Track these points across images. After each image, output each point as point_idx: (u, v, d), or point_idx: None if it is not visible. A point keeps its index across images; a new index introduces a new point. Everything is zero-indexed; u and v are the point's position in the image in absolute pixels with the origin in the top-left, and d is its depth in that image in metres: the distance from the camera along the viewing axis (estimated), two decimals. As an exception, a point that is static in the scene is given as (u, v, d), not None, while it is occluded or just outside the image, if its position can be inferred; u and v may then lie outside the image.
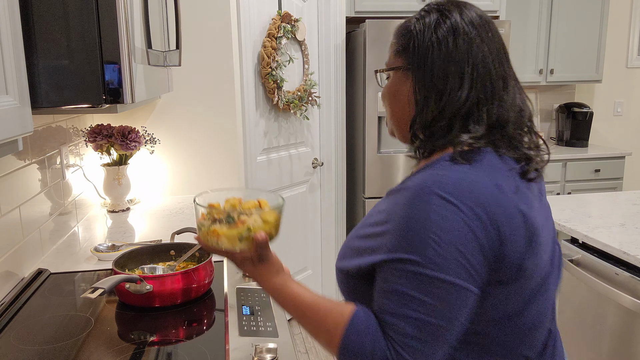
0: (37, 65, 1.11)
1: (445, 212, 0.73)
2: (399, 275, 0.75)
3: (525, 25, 3.81)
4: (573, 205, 2.20)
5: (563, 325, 2.01)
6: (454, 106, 0.82)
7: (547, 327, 0.89)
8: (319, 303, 0.85)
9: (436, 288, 0.73)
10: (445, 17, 0.85)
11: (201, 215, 0.91)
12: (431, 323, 0.74)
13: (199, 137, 2.49)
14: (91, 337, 1.17)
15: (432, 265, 0.73)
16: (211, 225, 0.89)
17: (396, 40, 0.91)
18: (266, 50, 2.70)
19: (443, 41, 0.83)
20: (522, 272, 0.78)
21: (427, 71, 0.84)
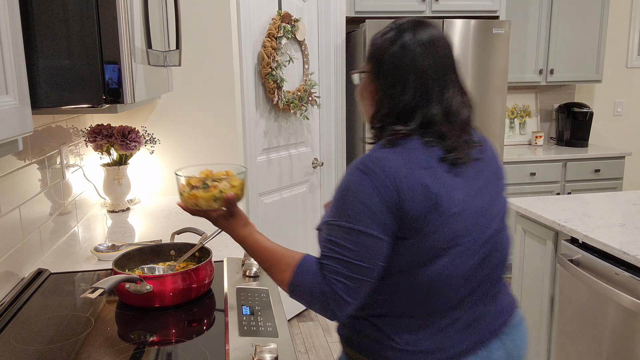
0: (37, 65, 1.11)
1: (362, 181, 0.99)
2: (330, 229, 1.01)
3: (525, 25, 3.82)
4: (573, 205, 2.20)
5: (563, 325, 2.01)
6: (398, 106, 1.05)
7: (457, 296, 1.05)
8: (277, 250, 1.08)
9: (355, 237, 0.98)
10: (399, 35, 1.06)
11: (181, 185, 1.13)
12: (354, 263, 0.98)
13: (199, 137, 2.49)
14: (91, 337, 1.17)
15: (352, 220, 0.98)
16: (190, 190, 1.11)
17: (367, 49, 1.13)
18: (266, 50, 2.70)
19: (394, 55, 1.05)
20: (419, 232, 0.99)
21: (382, 77, 1.07)
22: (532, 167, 3.68)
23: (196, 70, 2.42)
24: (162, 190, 2.51)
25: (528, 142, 4.26)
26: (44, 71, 1.11)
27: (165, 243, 1.54)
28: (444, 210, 0.99)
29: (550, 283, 2.13)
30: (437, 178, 1.00)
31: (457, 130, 1.06)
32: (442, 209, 0.99)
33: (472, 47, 3.28)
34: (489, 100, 3.37)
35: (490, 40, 3.29)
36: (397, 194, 0.97)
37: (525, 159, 3.68)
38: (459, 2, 3.42)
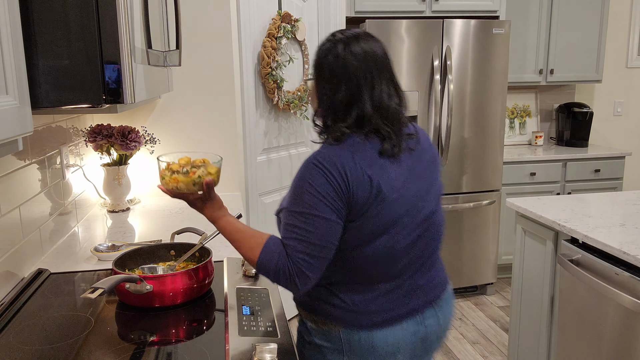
0: (37, 65, 1.11)
1: (315, 174, 1.15)
2: (291, 216, 1.16)
3: (525, 25, 3.82)
4: (573, 205, 2.20)
5: (563, 325, 2.01)
6: (334, 104, 1.21)
7: (398, 267, 1.23)
8: (246, 230, 1.22)
9: (313, 221, 1.14)
10: (334, 47, 1.22)
11: (162, 170, 1.23)
12: (313, 243, 1.13)
13: (199, 137, 2.49)
14: (91, 337, 1.17)
15: (310, 207, 1.14)
16: (172, 175, 1.21)
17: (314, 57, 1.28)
18: (266, 50, 2.70)
19: (330, 64, 1.21)
20: (365, 215, 1.16)
21: (322, 81, 1.23)
22: (532, 167, 3.69)
23: (196, 70, 2.42)
24: (162, 190, 2.51)
25: (528, 142, 4.26)
26: (44, 71, 1.11)
27: (165, 243, 1.54)
28: (385, 196, 1.17)
29: (550, 283, 2.13)
30: (379, 168, 1.18)
31: (390, 124, 1.22)
32: (384, 195, 1.17)
33: (472, 47, 3.28)
34: (489, 100, 3.37)
35: (490, 40, 3.29)
36: (346, 184, 1.14)
37: (525, 159, 3.68)
38: (459, 2, 3.42)
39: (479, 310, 3.41)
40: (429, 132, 3.32)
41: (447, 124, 3.30)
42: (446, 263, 3.49)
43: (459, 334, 3.10)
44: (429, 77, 3.26)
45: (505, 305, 3.50)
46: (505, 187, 3.66)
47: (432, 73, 3.25)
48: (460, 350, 2.92)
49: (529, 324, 2.29)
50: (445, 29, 3.24)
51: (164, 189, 1.25)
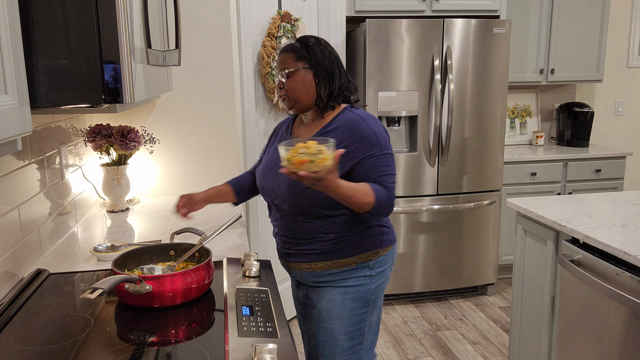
0: (37, 65, 1.10)
1: (378, 123, 1.62)
2: (379, 157, 1.56)
3: (525, 25, 3.81)
4: (574, 205, 2.20)
5: (564, 325, 2.01)
6: (335, 86, 1.62)
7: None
8: (354, 186, 1.48)
9: (390, 157, 1.58)
10: (319, 42, 1.64)
11: (288, 153, 1.33)
12: (394, 174, 1.59)
13: (199, 137, 2.48)
14: (91, 337, 1.16)
15: (386, 149, 1.58)
16: (288, 155, 1.33)
17: (294, 54, 1.61)
18: (266, 50, 2.70)
19: (324, 53, 1.62)
20: None
21: (321, 69, 1.61)
22: (532, 167, 3.68)
23: (196, 69, 2.42)
24: (161, 191, 2.50)
25: (529, 142, 4.26)
26: (43, 71, 1.11)
27: (164, 243, 1.54)
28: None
29: (551, 283, 2.12)
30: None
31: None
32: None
33: (473, 46, 3.28)
34: (490, 100, 3.37)
35: (491, 39, 3.29)
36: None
37: (526, 158, 3.67)
38: (460, 2, 3.42)
39: (479, 311, 3.41)
40: (429, 132, 3.31)
41: (448, 124, 3.29)
42: (446, 263, 3.49)
43: (460, 334, 3.10)
44: (429, 77, 3.26)
45: (506, 305, 3.49)
46: (506, 187, 3.65)
47: (433, 73, 3.25)
48: (461, 350, 2.92)
49: (530, 324, 2.29)
50: (445, 28, 3.23)
51: (292, 172, 1.35)
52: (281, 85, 1.62)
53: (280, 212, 1.67)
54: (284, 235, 1.69)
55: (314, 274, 1.67)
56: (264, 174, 1.71)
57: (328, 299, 1.67)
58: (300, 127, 1.72)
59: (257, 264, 1.49)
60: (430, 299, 3.58)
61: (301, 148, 1.33)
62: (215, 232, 1.54)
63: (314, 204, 1.57)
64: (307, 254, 1.65)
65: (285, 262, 1.75)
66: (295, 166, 1.33)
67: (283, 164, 1.35)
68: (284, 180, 1.60)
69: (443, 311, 3.41)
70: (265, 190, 1.69)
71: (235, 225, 1.97)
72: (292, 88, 1.61)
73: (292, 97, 1.62)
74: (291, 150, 1.33)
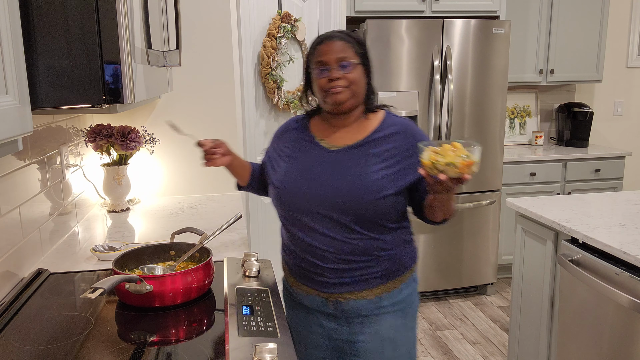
0: (37, 65, 1.11)
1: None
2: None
3: (525, 25, 3.81)
4: (573, 205, 2.20)
5: (563, 325, 2.01)
6: (376, 88, 1.50)
7: None
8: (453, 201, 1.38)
9: None
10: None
11: (431, 156, 1.22)
12: None
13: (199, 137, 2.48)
14: (91, 337, 1.17)
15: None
16: (451, 159, 1.20)
17: (353, 46, 1.43)
18: (266, 50, 2.70)
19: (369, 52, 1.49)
20: None
21: (370, 68, 1.47)
22: (532, 167, 3.68)
23: (196, 70, 2.42)
24: (162, 190, 2.51)
25: (528, 142, 4.26)
26: (43, 71, 1.11)
27: (165, 243, 1.54)
28: None
29: (550, 283, 2.13)
30: None
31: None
32: None
33: (472, 47, 3.28)
34: (489, 100, 3.37)
35: (490, 40, 3.29)
36: None
37: (526, 159, 3.67)
38: (459, 2, 3.42)
39: (479, 311, 3.41)
40: (429, 132, 3.32)
41: (447, 124, 3.30)
42: (446, 263, 3.49)
43: (459, 334, 3.10)
44: (429, 77, 3.26)
45: (506, 305, 3.50)
46: (506, 187, 3.66)
47: (432, 73, 3.25)
48: (460, 350, 2.92)
49: (529, 324, 2.29)
50: (445, 28, 3.23)
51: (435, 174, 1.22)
52: (337, 75, 1.39)
53: (326, 229, 1.39)
54: (330, 260, 1.40)
55: (375, 301, 1.44)
56: (302, 180, 1.42)
57: (389, 328, 1.46)
58: (328, 130, 1.49)
59: (258, 264, 1.49)
60: (430, 299, 3.58)
61: (449, 150, 1.22)
62: (215, 232, 1.54)
63: (384, 216, 1.39)
64: (368, 279, 1.42)
65: (325, 295, 1.45)
66: (461, 170, 1.20)
67: (427, 164, 1.21)
68: (346, 187, 1.37)
69: (443, 311, 3.41)
70: (307, 198, 1.40)
71: (235, 225, 1.98)
72: (355, 79, 1.40)
73: (354, 91, 1.41)
74: (443, 152, 1.21)
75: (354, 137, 1.45)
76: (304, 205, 1.40)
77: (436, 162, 1.21)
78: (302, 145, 1.49)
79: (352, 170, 1.39)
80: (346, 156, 1.42)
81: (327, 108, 1.46)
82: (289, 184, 1.44)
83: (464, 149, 1.22)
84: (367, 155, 1.41)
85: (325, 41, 1.42)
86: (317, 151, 1.46)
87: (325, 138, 1.48)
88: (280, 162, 1.51)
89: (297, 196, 1.41)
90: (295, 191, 1.42)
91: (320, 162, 1.44)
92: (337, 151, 1.44)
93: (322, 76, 1.41)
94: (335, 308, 1.45)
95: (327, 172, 1.40)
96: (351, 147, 1.43)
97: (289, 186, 1.43)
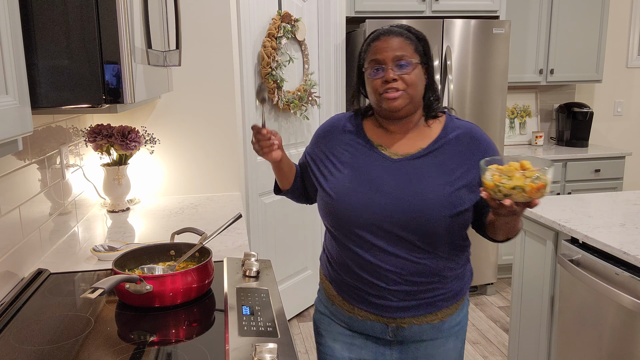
0: (37, 65, 1.11)
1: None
2: None
3: (525, 25, 3.81)
4: (573, 205, 2.20)
5: (563, 325, 2.01)
6: (437, 89, 1.36)
7: None
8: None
9: None
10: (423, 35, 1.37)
11: (495, 177, 1.07)
12: None
13: (199, 137, 2.49)
14: (91, 337, 1.17)
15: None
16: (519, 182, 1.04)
17: (412, 43, 1.28)
18: (266, 50, 2.70)
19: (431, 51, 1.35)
20: None
21: (431, 68, 1.33)
22: (532, 167, 3.68)
23: (196, 70, 2.42)
24: (162, 190, 2.51)
25: (528, 142, 4.26)
26: (43, 71, 1.11)
27: (165, 243, 1.54)
28: None
29: (550, 283, 2.12)
30: None
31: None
32: None
33: (472, 47, 3.28)
34: (489, 100, 3.37)
35: (490, 40, 3.29)
36: None
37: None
38: (459, 2, 3.42)
39: (479, 311, 3.41)
40: (429, 132, 3.31)
41: (447, 124, 3.29)
42: (446, 263, 3.48)
43: (459, 334, 3.10)
44: (429, 77, 3.26)
45: (506, 305, 3.49)
46: (506, 187, 3.65)
47: (432, 73, 3.25)
48: (461, 350, 2.92)
49: (529, 324, 2.29)
50: (445, 29, 3.23)
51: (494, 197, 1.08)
52: (393, 76, 1.24)
53: (391, 246, 1.26)
54: (394, 281, 1.27)
55: (437, 326, 1.33)
56: (364, 192, 1.27)
57: (444, 353, 1.36)
58: (385, 136, 1.34)
59: (258, 264, 1.49)
60: (430, 299, 3.58)
61: (517, 171, 1.06)
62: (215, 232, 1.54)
63: (455, 233, 1.27)
64: (434, 302, 1.31)
65: (385, 320, 1.32)
66: (529, 194, 1.04)
67: (490, 187, 1.07)
68: (417, 203, 1.23)
69: (443, 311, 3.41)
70: (370, 212, 1.25)
71: (235, 225, 1.98)
72: (414, 82, 1.25)
73: (411, 94, 1.26)
74: (509, 173, 1.05)
75: (416, 144, 1.30)
76: (365, 219, 1.25)
77: (500, 185, 1.05)
78: (359, 151, 1.32)
79: (422, 183, 1.25)
80: (411, 167, 1.28)
81: (382, 113, 1.32)
82: (348, 195, 1.27)
83: (533, 169, 1.06)
84: (434, 165, 1.27)
85: (382, 37, 1.27)
86: (378, 159, 1.30)
87: (383, 144, 1.33)
88: (331, 167, 1.34)
89: (357, 209, 1.26)
90: (355, 203, 1.26)
91: (384, 172, 1.28)
92: (401, 160, 1.29)
93: (377, 76, 1.26)
94: (395, 334, 1.32)
95: (393, 184, 1.26)
96: (415, 157, 1.29)
97: (347, 197, 1.27)
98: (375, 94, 1.27)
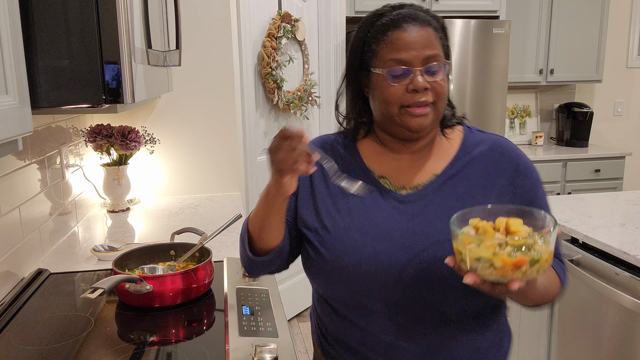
0: (37, 65, 1.10)
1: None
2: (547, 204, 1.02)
3: (525, 25, 3.81)
4: (573, 205, 2.20)
5: (563, 325, 2.01)
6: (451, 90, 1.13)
7: None
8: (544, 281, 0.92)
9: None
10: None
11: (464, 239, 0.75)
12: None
13: (199, 137, 2.48)
14: (91, 337, 1.17)
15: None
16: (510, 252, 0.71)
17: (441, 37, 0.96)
18: (266, 50, 2.70)
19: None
20: None
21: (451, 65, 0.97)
22: (532, 167, 3.68)
23: (196, 70, 2.42)
24: (162, 191, 2.51)
25: (528, 142, 4.26)
26: (43, 71, 1.11)
27: (165, 243, 1.54)
28: None
29: (550, 283, 2.13)
30: None
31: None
32: None
33: (472, 47, 3.28)
34: (489, 100, 3.37)
35: (490, 40, 3.29)
36: None
37: (526, 159, 3.67)
38: (459, 2, 3.42)
39: (479, 310, 3.41)
40: (429, 132, 3.32)
41: (447, 124, 3.29)
42: (446, 263, 3.48)
43: (459, 334, 3.09)
44: (429, 77, 3.26)
45: (506, 305, 3.49)
46: (506, 187, 3.65)
47: (432, 73, 3.25)
48: (461, 350, 2.91)
49: (529, 324, 2.29)
50: (445, 29, 3.23)
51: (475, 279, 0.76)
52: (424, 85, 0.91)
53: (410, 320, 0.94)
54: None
55: None
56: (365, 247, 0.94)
57: None
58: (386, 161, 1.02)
59: (257, 264, 1.49)
60: (430, 299, 3.57)
61: (491, 235, 0.75)
62: (215, 232, 1.54)
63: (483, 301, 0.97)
64: None
65: None
66: (501, 271, 0.72)
67: (460, 259, 0.77)
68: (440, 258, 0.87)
69: (443, 311, 3.40)
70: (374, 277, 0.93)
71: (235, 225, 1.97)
72: (445, 94, 0.94)
73: (440, 109, 0.95)
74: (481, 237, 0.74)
75: (429, 168, 0.99)
76: (370, 286, 0.93)
77: (464, 251, 0.74)
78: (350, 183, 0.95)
79: (444, 230, 0.87)
80: (426, 205, 0.95)
81: (397, 132, 0.97)
82: (344, 250, 0.95)
83: (524, 232, 0.75)
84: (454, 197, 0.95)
85: (406, 24, 0.91)
86: (381, 198, 0.98)
87: (386, 174, 1.00)
88: (325, 215, 1.00)
89: (358, 272, 0.93)
90: (354, 264, 0.93)
91: (390, 217, 0.96)
92: (411, 197, 0.97)
93: (400, 83, 0.91)
94: None
95: (402, 234, 0.93)
96: (430, 189, 0.97)
97: (342, 254, 0.95)
98: (393, 106, 0.93)
